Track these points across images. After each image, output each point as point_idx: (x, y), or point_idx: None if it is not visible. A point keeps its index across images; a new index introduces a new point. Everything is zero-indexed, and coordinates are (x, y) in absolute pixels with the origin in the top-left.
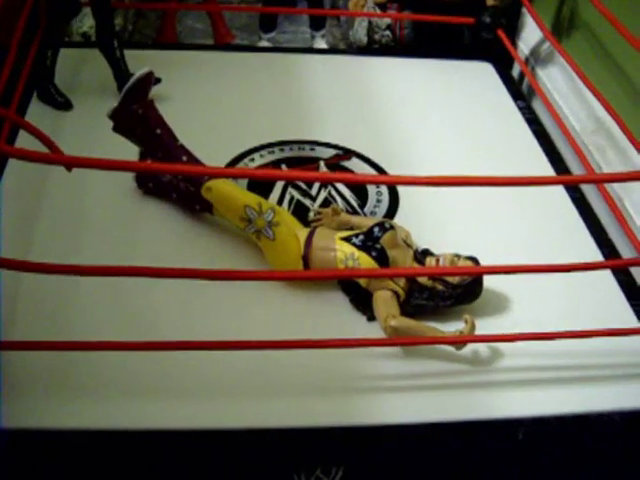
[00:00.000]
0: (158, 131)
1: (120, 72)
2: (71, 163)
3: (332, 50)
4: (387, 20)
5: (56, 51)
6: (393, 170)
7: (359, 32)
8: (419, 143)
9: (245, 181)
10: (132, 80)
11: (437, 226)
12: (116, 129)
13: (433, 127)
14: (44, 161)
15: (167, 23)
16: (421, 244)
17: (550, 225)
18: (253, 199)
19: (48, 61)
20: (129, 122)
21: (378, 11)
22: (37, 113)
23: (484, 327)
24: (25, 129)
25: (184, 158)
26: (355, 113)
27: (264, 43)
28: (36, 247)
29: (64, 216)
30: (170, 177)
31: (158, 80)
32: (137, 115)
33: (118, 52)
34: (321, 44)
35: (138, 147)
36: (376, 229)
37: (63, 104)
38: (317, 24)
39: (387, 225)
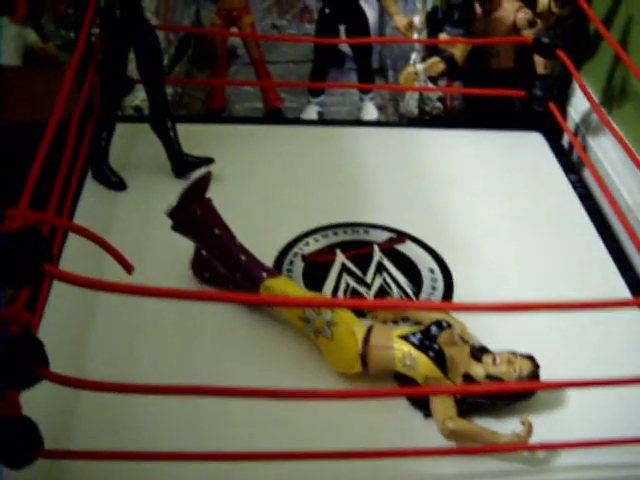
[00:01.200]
0: (216, 231)
1: (174, 153)
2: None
3: (382, 123)
4: (438, 101)
5: (111, 132)
6: (446, 252)
7: (410, 104)
8: (471, 221)
9: (300, 268)
10: (190, 181)
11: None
12: (175, 228)
13: (485, 203)
14: (98, 288)
15: (217, 86)
16: (477, 332)
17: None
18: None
19: (102, 142)
20: (187, 222)
21: (430, 84)
22: (92, 193)
23: (540, 423)
24: (78, 233)
25: (242, 258)
26: (407, 190)
27: (312, 107)
28: (92, 344)
29: (118, 304)
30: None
31: (211, 160)
32: (196, 216)
33: (172, 133)
34: (370, 107)
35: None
36: (434, 328)
37: (117, 184)
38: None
39: (444, 324)
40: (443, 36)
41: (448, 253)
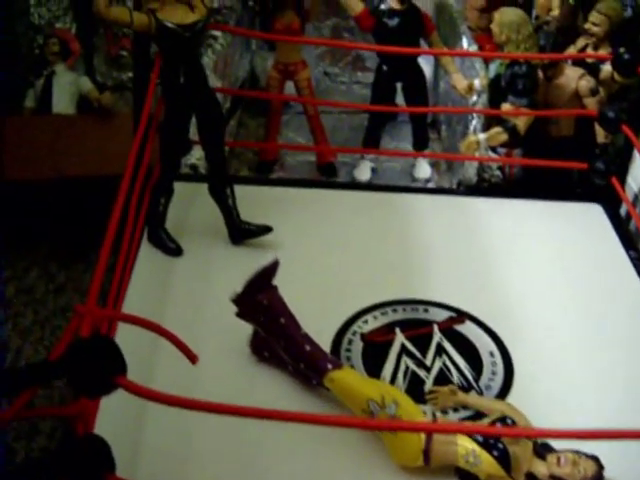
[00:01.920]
0: (282, 320)
1: (232, 220)
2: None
3: (440, 190)
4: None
5: (169, 197)
6: (505, 333)
7: (469, 171)
8: (529, 299)
9: (359, 347)
10: (257, 270)
11: (554, 397)
12: (239, 315)
13: (543, 279)
14: (175, 404)
15: (269, 134)
16: (539, 422)
17: None
18: (376, 391)
19: (161, 207)
20: (253, 310)
21: (490, 153)
22: (147, 257)
23: None
24: (146, 328)
25: (307, 348)
26: (466, 263)
27: (366, 163)
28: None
29: (176, 379)
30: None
31: (269, 229)
32: (262, 305)
33: (230, 200)
34: (424, 165)
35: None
36: (499, 426)
37: (174, 250)
38: (420, 145)
39: (509, 422)
40: (506, 106)
41: (507, 333)
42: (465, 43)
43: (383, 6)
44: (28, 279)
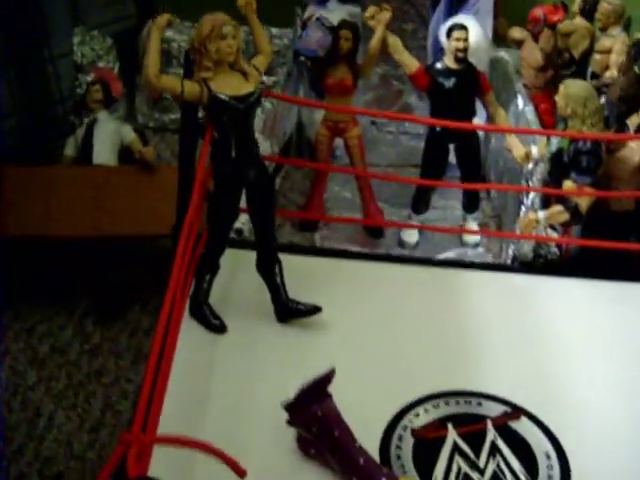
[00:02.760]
0: (336, 433)
1: (279, 298)
2: None
3: (494, 266)
4: (556, 236)
5: (214, 273)
6: (562, 430)
7: (525, 247)
8: (586, 392)
9: (410, 444)
10: (313, 379)
11: None
12: (291, 423)
13: (604, 367)
14: None
15: (315, 191)
16: None
17: None
18: None
19: (205, 283)
20: (306, 419)
21: (549, 231)
22: (189, 332)
23: None
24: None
25: (361, 461)
26: (521, 351)
27: (414, 222)
28: None
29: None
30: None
31: (318, 310)
32: (316, 416)
33: (278, 278)
34: (473, 226)
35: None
36: None
37: (217, 327)
38: (470, 206)
39: None
40: (568, 183)
41: (564, 431)
42: (520, 102)
43: (439, 65)
44: (63, 337)
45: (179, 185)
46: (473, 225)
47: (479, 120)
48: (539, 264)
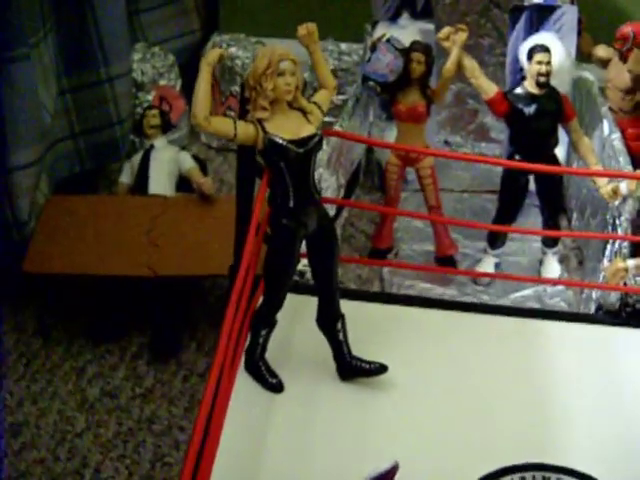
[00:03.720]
0: None
1: (342, 356)
2: None
3: (575, 316)
4: None
5: (271, 329)
6: None
7: (611, 296)
8: None
9: None
10: (375, 474)
11: None
12: None
13: None
14: None
15: (385, 224)
16: None
17: None
18: None
19: (261, 339)
20: None
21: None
22: (245, 384)
23: None
24: None
25: None
26: (605, 418)
27: (490, 259)
28: None
29: None
30: None
31: (383, 369)
32: None
33: (341, 335)
34: (553, 263)
35: None
36: None
37: (274, 386)
38: (550, 241)
39: None
40: None
41: None
42: (606, 127)
43: (519, 90)
44: (114, 379)
45: (236, 227)
46: (553, 262)
47: (562, 149)
48: (627, 314)
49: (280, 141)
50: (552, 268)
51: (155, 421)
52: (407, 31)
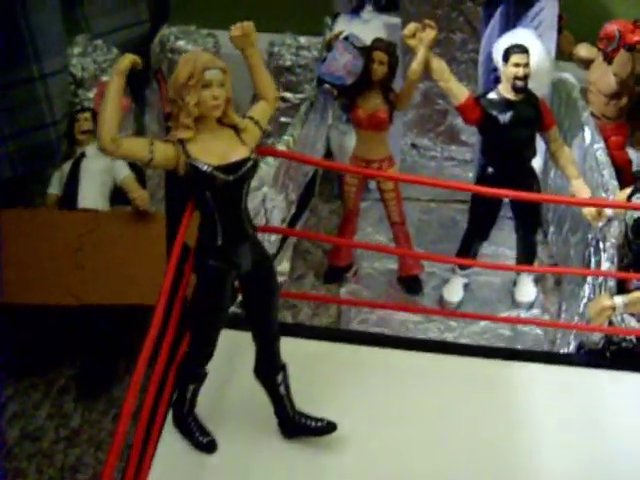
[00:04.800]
0: None
1: (284, 412)
2: None
3: (553, 356)
4: (633, 324)
5: (200, 383)
6: None
7: (594, 334)
8: None
9: None
10: None
11: None
12: None
13: None
14: None
15: (343, 234)
16: None
17: None
18: None
19: (189, 394)
20: None
21: (628, 320)
22: (170, 445)
23: None
24: None
25: None
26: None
27: (459, 280)
28: None
29: None
30: None
31: (331, 427)
32: None
33: (283, 388)
34: (528, 285)
35: None
36: None
37: (205, 446)
38: (525, 260)
39: None
40: None
41: None
42: (588, 136)
43: (493, 95)
44: (36, 419)
45: (168, 254)
46: (528, 282)
47: (539, 157)
48: (612, 354)
49: (204, 167)
50: (527, 290)
51: (80, 469)
52: (370, 25)
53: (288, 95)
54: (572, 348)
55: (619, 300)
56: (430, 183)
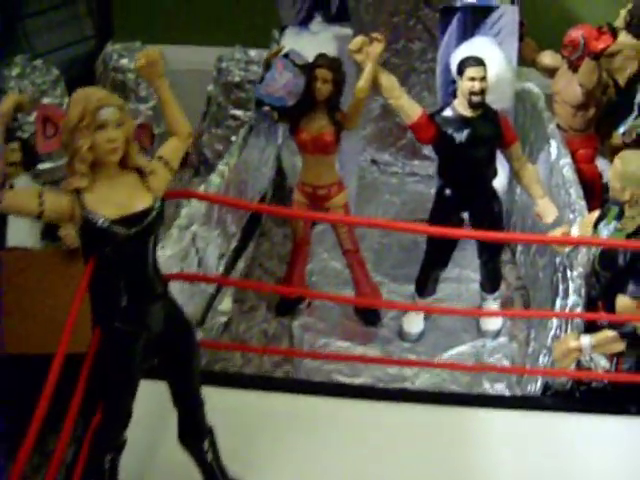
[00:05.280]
0: None
1: (212, 478)
2: None
3: (518, 400)
4: (603, 363)
5: (119, 451)
6: None
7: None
8: None
9: None
10: None
11: None
12: None
13: None
14: None
15: (295, 263)
16: None
17: None
18: None
19: (106, 465)
20: None
21: (597, 360)
22: None
23: None
24: None
25: None
26: None
27: (419, 305)
28: None
29: None
30: None
31: None
32: None
33: (210, 455)
34: (494, 308)
35: None
36: None
37: None
38: (490, 288)
39: None
40: (624, 299)
41: None
42: (554, 150)
43: (448, 112)
44: None
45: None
46: (494, 305)
47: (502, 175)
48: (581, 394)
49: (100, 221)
50: (492, 319)
51: None
52: (320, 38)
53: (238, 113)
54: (539, 384)
55: (586, 341)
56: (382, 225)
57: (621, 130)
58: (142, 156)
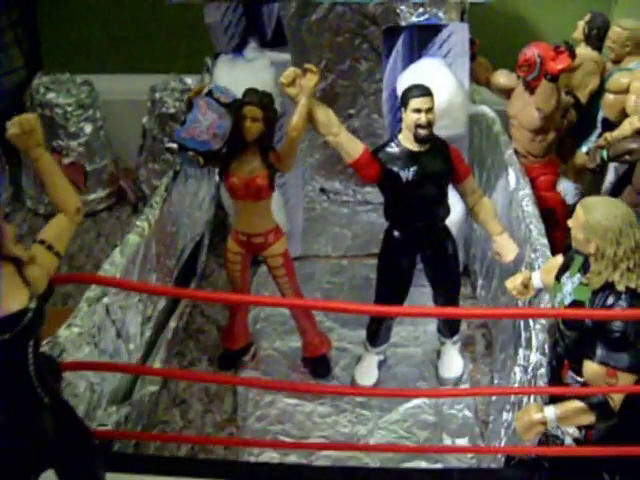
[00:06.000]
0: None
1: None
2: None
3: (477, 473)
4: (572, 431)
5: None
6: None
7: (526, 444)
8: None
9: None
10: None
11: None
12: None
13: None
14: None
15: (235, 323)
16: None
17: None
18: None
19: None
20: None
21: (564, 433)
22: None
23: None
24: None
25: None
26: None
27: (372, 357)
28: None
29: None
30: None
31: None
32: None
33: None
34: (454, 356)
35: None
36: None
37: None
38: (448, 331)
39: None
40: (593, 367)
41: None
42: (512, 178)
43: (393, 147)
44: None
45: None
46: (454, 353)
47: (459, 207)
48: (548, 461)
49: None
50: (453, 362)
51: None
52: (256, 65)
53: (174, 146)
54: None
55: (550, 413)
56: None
57: (584, 149)
58: (19, 245)
